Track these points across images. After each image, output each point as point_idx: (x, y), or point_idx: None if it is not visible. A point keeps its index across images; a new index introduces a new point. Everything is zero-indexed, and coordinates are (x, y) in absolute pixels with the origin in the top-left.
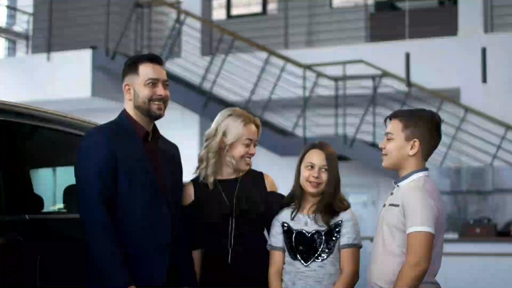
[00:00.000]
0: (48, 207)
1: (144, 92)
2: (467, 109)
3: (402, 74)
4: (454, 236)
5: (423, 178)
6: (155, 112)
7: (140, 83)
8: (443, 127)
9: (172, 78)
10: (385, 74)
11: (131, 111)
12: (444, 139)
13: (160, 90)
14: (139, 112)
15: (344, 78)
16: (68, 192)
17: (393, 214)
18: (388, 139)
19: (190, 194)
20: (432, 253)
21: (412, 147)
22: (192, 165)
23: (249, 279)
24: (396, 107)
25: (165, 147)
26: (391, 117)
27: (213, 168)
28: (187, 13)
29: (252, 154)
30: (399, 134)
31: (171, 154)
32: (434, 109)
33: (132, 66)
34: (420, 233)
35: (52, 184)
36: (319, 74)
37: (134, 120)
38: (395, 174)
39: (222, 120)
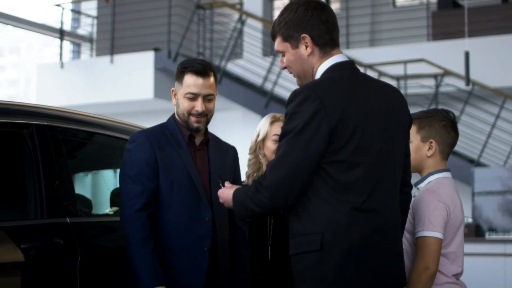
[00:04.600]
0: (103, 209)
1: (183, 104)
2: None
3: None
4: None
5: (438, 180)
6: (193, 125)
7: (182, 93)
8: (507, 126)
9: (233, 79)
10: (446, 72)
11: (176, 115)
12: (508, 137)
13: (198, 106)
14: (180, 120)
15: (406, 77)
16: (116, 195)
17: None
18: None
19: None
20: (442, 256)
21: (429, 148)
22: None
23: (290, 276)
24: (458, 106)
25: (217, 149)
26: None
27: (252, 169)
28: (249, 14)
29: None
30: (415, 136)
31: (224, 157)
32: (496, 108)
33: (179, 73)
34: (426, 238)
35: (108, 187)
36: (381, 74)
37: (179, 122)
38: None
39: (259, 125)
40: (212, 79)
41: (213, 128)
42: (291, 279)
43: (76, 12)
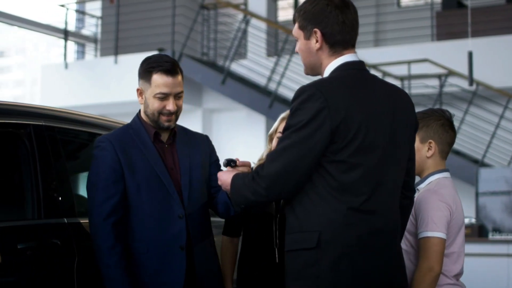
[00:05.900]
0: None
1: (154, 105)
2: None
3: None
4: None
5: (438, 180)
6: (164, 124)
7: (151, 93)
8: (511, 126)
9: (237, 79)
10: (450, 73)
11: (142, 114)
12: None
13: (170, 105)
14: (148, 119)
15: (410, 77)
16: None
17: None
18: None
19: None
20: (445, 256)
21: (428, 148)
22: None
23: None
24: (462, 106)
25: (186, 142)
26: None
27: (261, 159)
28: (253, 15)
29: None
30: None
31: (194, 147)
32: (500, 108)
33: (146, 72)
34: (430, 239)
35: None
36: (385, 74)
37: (145, 121)
38: None
39: None
40: (180, 76)
41: (217, 128)
42: None
43: (81, 12)
